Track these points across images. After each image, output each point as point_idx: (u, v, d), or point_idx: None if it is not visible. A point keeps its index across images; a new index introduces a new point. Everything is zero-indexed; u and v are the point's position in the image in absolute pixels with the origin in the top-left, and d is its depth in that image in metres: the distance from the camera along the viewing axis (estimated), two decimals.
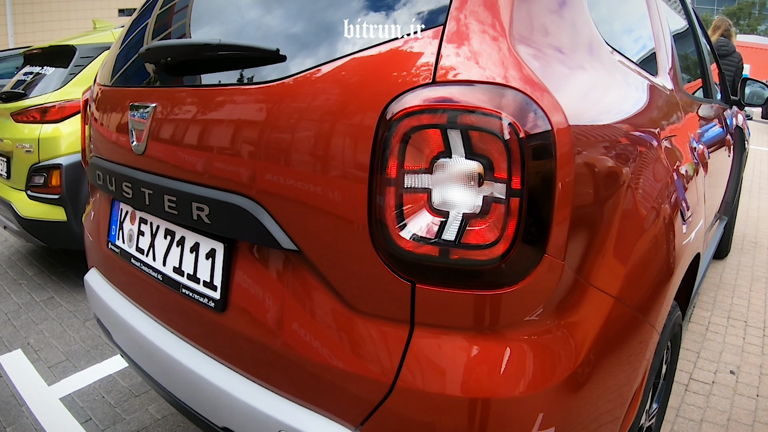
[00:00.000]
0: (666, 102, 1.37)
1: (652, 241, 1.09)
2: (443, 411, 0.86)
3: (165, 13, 1.42)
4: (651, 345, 1.11)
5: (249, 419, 1.04)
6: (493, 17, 0.85)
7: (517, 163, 0.78)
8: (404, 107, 0.81)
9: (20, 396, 2.23)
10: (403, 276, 0.86)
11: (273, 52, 0.99)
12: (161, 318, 1.28)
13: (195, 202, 1.07)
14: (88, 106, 1.63)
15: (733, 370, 2.40)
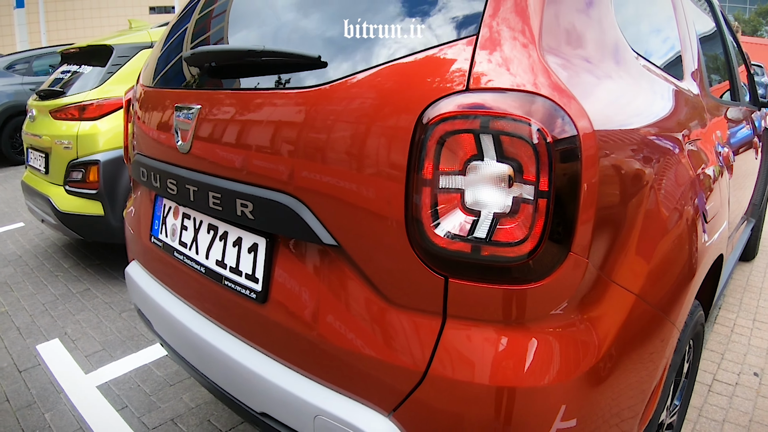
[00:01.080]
0: (691, 106, 1.40)
1: (673, 241, 1.12)
2: (472, 399, 0.91)
3: (206, 17, 1.49)
4: (671, 342, 1.14)
5: (287, 404, 1.10)
6: (523, 26, 0.90)
7: (545, 166, 0.82)
8: (440, 112, 0.87)
9: (58, 383, 2.34)
10: (436, 271, 0.91)
11: (315, 58, 1.05)
12: (202, 308, 1.35)
13: (239, 199, 1.13)
14: (131, 106, 1.71)
15: (757, 372, 2.39)
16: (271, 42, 1.22)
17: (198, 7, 1.57)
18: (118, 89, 3.06)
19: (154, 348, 2.56)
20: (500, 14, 0.91)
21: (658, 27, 1.47)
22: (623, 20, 1.18)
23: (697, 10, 2.04)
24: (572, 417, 0.93)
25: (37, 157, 3.41)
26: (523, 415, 0.90)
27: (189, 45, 1.47)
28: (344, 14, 1.10)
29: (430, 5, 0.99)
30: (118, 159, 2.95)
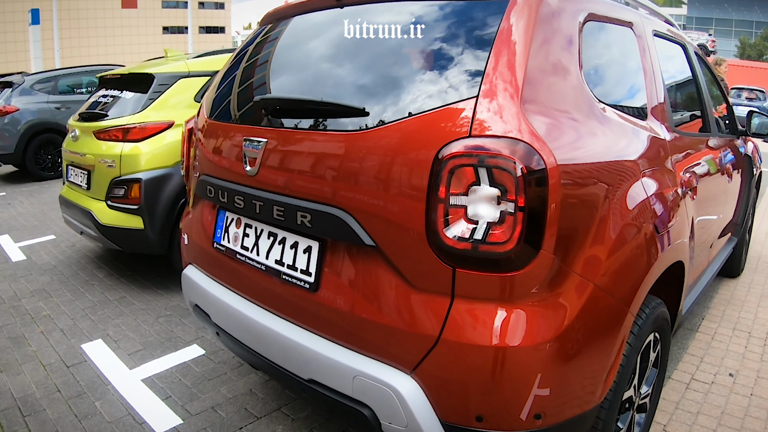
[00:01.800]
0: (649, 141, 1.71)
1: (624, 246, 1.44)
2: (474, 356, 1.23)
3: (262, 61, 1.85)
4: (626, 322, 1.45)
5: (330, 370, 1.42)
6: (509, 93, 1.25)
7: (522, 190, 1.17)
8: (451, 151, 1.22)
9: (105, 377, 2.62)
10: (447, 263, 1.25)
11: (361, 109, 1.39)
12: (259, 299, 1.67)
13: (299, 212, 1.47)
14: (192, 134, 2.03)
15: (732, 373, 2.65)
16: (322, 89, 1.57)
17: (253, 51, 1.92)
18: (158, 114, 3.39)
19: (192, 348, 2.85)
20: (493, 85, 1.26)
21: (625, 77, 1.81)
22: (591, 75, 1.52)
23: (671, 57, 2.36)
24: (547, 370, 1.26)
25: (78, 173, 3.73)
26: (511, 368, 1.22)
27: (252, 88, 1.81)
28: (383, 76, 1.46)
29: (446, 77, 1.34)
30: (158, 177, 3.26)
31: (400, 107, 1.36)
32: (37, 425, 2.26)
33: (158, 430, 2.19)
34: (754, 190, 3.90)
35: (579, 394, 1.36)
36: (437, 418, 1.30)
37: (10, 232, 5.30)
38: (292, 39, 1.86)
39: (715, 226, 2.67)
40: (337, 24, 1.65)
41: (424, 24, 1.46)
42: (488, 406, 1.26)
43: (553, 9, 1.44)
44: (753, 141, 3.95)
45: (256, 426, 2.20)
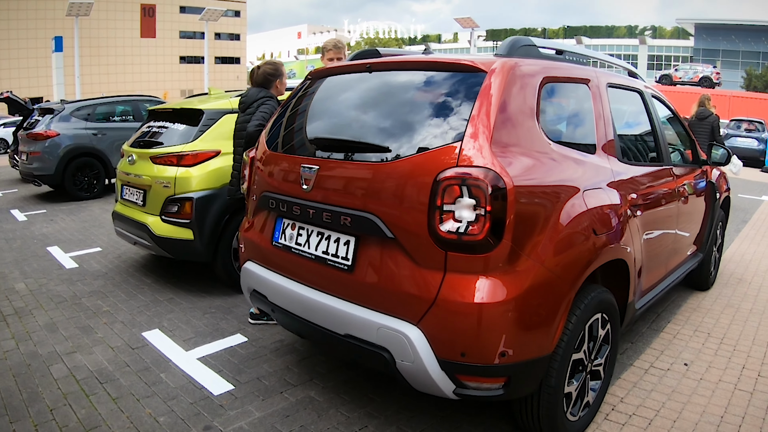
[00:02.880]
0: (593, 169, 2.31)
1: (564, 241, 2.02)
2: (458, 311, 1.82)
3: (311, 109, 2.49)
4: (567, 295, 2.03)
5: (361, 325, 2.01)
6: (482, 139, 1.88)
7: (489, 201, 1.77)
8: (444, 176, 1.84)
9: (165, 356, 3.19)
10: (441, 248, 1.85)
11: (384, 147, 2.04)
12: (308, 281, 2.27)
13: (342, 216, 2.09)
14: (253, 161, 2.66)
15: (687, 363, 3.17)
16: (356, 131, 2.22)
17: (302, 99, 2.57)
18: (207, 144, 4.02)
19: (236, 336, 3.42)
20: (472, 133, 1.89)
21: (577, 122, 2.43)
22: (547, 122, 2.15)
23: (627, 102, 2.98)
24: (514, 315, 1.85)
25: (134, 192, 4.36)
26: (486, 318, 1.81)
27: (304, 127, 2.49)
28: (399, 123, 2.11)
29: (442, 126, 1.98)
30: (207, 197, 3.88)
31: (411, 146, 2.01)
32: (113, 389, 2.82)
33: (215, 393, 2.75)
34: (721, 212, 4.45)
35: (532, 342, 1.94)
36: (434, 355, 1.88)
37: (59, 244, 5.92)
38: (333, 91, 2.54)
39: (671, 240, 3.23)
40: (367, 83, 2.30)
41: (427, 87, 2.13)
42: (468, 346, 1.85)
43: (516, 79, 2.08)
44: (720, 169, 4.52)
45: (294, 391, 2.76)
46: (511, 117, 2.01)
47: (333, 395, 2.72)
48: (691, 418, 2.59)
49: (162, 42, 51.22)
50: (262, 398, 2.70)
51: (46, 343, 3.41)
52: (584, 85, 2.52)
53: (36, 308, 4.01)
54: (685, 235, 3.60)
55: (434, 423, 2.49)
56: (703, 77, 32.16)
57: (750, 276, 5.03)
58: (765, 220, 7.86)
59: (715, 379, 2.99)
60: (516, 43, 2.29)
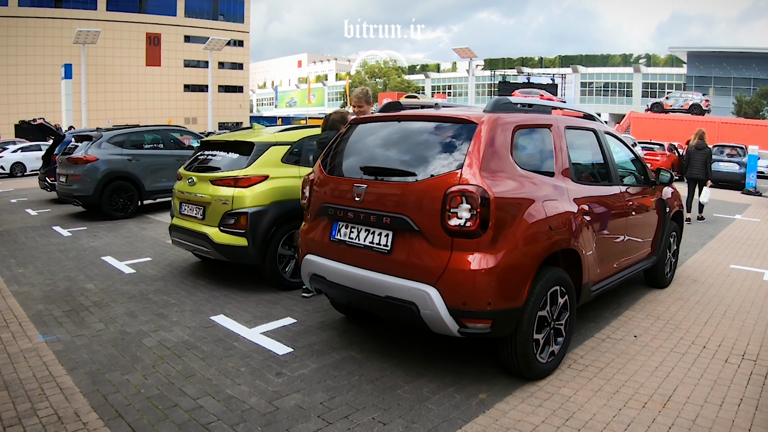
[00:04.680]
0: (552, 187, 3.32)
1: (528, 233, 3.01)
2: (460, 275, 2.82)
3: (355, 146, 3.54)
4: (531, 266, 3.01)
5: (397, 288, 3.00)
6: (474, 167, 2.92)
7: (479, 206, 2.81)
8: (451, 191, 2.89)
9: (233, 332, 4.12)
10: (449, 236, 2.88)
11: (412, 173, 3.07)
12: (357, 263, 3.25)
13: (384, 217, 3.09)
14: (311, 182, 3.67)
15: (636, 335, 4.12)
16: (390, 161, 3.27)
17: (347, 137, 3.63)
18: (258, 170, 5.01)
19: (287, 319, 4.36)
20: (468, 163, 2.92)
21: (540, 155, 3.45)
22: (518, 155, 3.19)
23: (582, 139, 4.02)
24: (495, 278, 2.85)
25: (193, 208, 5.33)
26: (480, 281, 2.81)
27: (354, 158, 3.53)
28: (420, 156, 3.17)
29: (448, 158, 3.02)
30: (259, 212, 4.86)
31: (429, 171, 3.03)
32: (198, 353, 3.74)
33: (279, 353, 3.69)
34: (673, 223, 5.45)
35: (508, 296, 2.91)
36: (445, 305, 2.87)
37: (112, 254, 6.78)
38: (370, 133, 3.59)
39: (621, 242, 4.24)
40: (395, 128, 3.37)
41: (438, 132, 3.20)
42: (467, 297, 2.83)
43: (497, 127, 3.11)
44: (673, 188, 5.54)
45: (339, 351, 3.71)
46: (493, 153, 3.04)
47: (369, 354, 3.67)
48: (632, 368, 3.54)
49: (167, 70, 52.67)
50: (316, 356, 3.64)
51: (131, 324, 4.32)
52: (546, 128, 3.58)
53: (112, 301, 4.90)
54: (638, 240, 4.60)
55: (444, 368, 3.45)
56: (693, 104, 33.03)
57: (704, 278, 5.98)
58: (731, 236, 8.81)
59: (656, 345, 3.94)
60: (498, 102, 3.39)
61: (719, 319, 4.56)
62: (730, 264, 6.65)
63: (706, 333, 4.21)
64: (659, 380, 3.36)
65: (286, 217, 4.99)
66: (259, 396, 3.12)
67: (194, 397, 3.12)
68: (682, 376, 3.43)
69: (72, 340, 3.98)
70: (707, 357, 3.74)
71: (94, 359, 3.65)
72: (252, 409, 2.97)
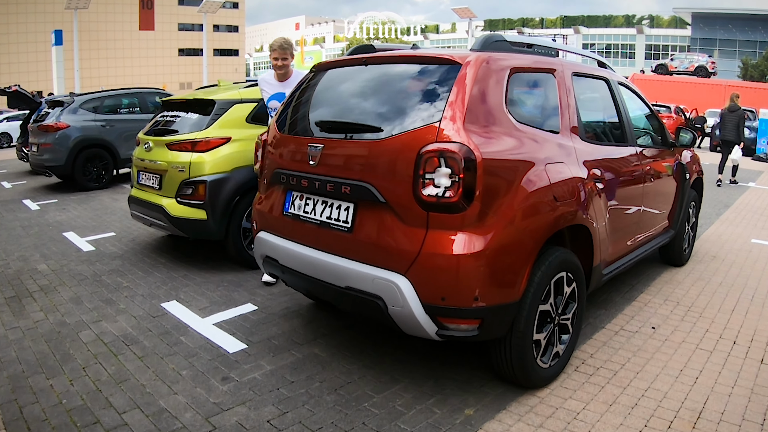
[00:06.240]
0: (556, 146, 2.66)
1: (527, 204, 2.37)
2: (437, 261, 2.17)
3: (313, 95, 2.85)
4: (533, 247, 2.38)
5: (359, 277, 2.36)
6: (457, 119, 2.23)
7: (462, 170, 2.12)
8: (426, 150, 2.20)
9: (184, 322, 3.54)
10: (424, 209, 2.20)
11: (377, 128, 2.39)
12: (313, 243, 2.62)
13: (343, 186, 2.44)
14: (265, 144, 3.01)
15: (654, 327, 3.53)
16: (353, 114, 2.58)
17: (306, 89, 2.92)
18: (219, 131, 4.34)
19: (247, 305, 3.77)
20: (448, 115, 2.23)
21: (542, 107, 2.78)
22: (514, 106, 2.51)
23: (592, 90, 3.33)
24: (484, 265, 2.20)
25: (150, 177, 4.70)
26: (462, 268, 2.17)
27: (309, 113, 2.84)
28: (389, 107, 2.48)
29: (425, 109, 2.33)
30: (219, 180, 4.21)
31: (400, 126, 2.35)
32: (139, 350, 3.17)
33: (230, 351, 3.10)
34: (693, 192, 4.79)
35: (500, 288, 2.29)
36: (419, 300, 2.24)
37: (74, 230, 6.24)
38: (333, 82, 2.89)
39: (637, 215, 3.58)
40: (363, 74, 2.67)
41: (413, 78, 2.49)
42: (447, 291, 2.21)
43: (487, 70, 2.42)
44: (692, 151, 4.86)
45: (300, 348, 3.12)
46: (482, 102, 2.37)
47: (335, 351, 3.08)
48: (652, 371, 2.94)
49: (161, 35, 51.31)
50: (273, 354, 3.05)
51: (72, 313, 3.75)
52: (550, 74, 2.87)
53: (60, 285, 4.35)
54: (654, 211, 3.95)
55: (424, 372, 2.85)
56: (698, 66, 32.35)
57: (724, 254, 5.37)
58: (747, 205, 8.21)
59: (678, 340, 3.34)
60: (488, 39, 2.66)
61: (747, 305, 3.96)
62: (751, 238, 6.05)
63: (734, 324, 3.61)
64: (686, 389, 2.76)
65: (252, 185, 4.28)
66: (196, 410, 2.54)
67: (121, 411, 2.54)
68: (712, 383, 2.83)
69: (5, 335, 3.42)
70: (739, 356, 3.14)
71: (21, 358, 3.09)
72: (183, 430, 2.39)
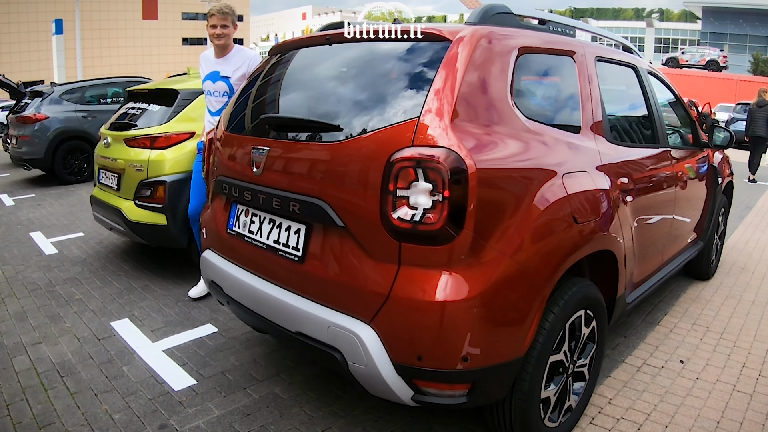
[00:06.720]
0: (577, 150, 2.08)
1: (538, 231, 1.79)
2: (413, 309, 1.62)
3: (266, 87, 2.26)
4: (543, 290, 1.81)
5: (312, 322, 1.82)
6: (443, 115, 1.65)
7: (448, 185, 1.55)
8: (398, 157, 1.63)
9: (131, 347, 3.03)
10: (395, 238, 1.64)
11: (337, 126, 1.82)
12: (260, 272, 2.08)
13: (291, 202, 1.88)
14: (212, 143, 2.45)
15: (683, 360, 2.98)
16: (309, 109, 1.99)
17: (261, 76, 2.34)
18: (181, 125, 3.82)
19: (206, 326, 3.25)
20: (431, 108, 1.67)
21: (560, 99, 2.18)
22: (523, 98, 1.91)
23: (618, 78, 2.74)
24: (476, 315, 1.63)
25: (109, 176, 4.18)
26: (440, 317, 1.61)
27: (259, 107, 2.25)
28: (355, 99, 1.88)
29: (400, 101, 1.76)
30: (181, 180, 3.68)
31: (366, 124, 1.78)
32: (73, 384, 2.66)
33: (176, 388, 2.58)
34: (723, 197, 4.22)
35: (500, 345, 1.73)
36: (389, 358, 1.68)
37: (42, 230, 5.77)
38: (292, 67, 2.31)
39: (667, 227, 3.02)
40: (326, 57, 2.11)
41: (387, 60, 1.91)
42: (425, 348, 1.64)
43: (486, 49, 1.84)
44: (723, 153, 4.28)
45: (258, 386, 2.59)
46: (478, 91, 1.78)
47: (299, 392, 2.55)
48: (684, 422, 2.40)
49: (164, 24, 50.67)
50: (224, 394, 2.53)
51: (12, 333, 3.26)
52: (569, 57, 2.27)
53: (9, 296, 3.87)
54: (685, 221, 3.39)
55: (404, 425, 2.32)
56: (710, 60, 31.92)
57: (753, 265, 4.82)
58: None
59: (712, 378, 2.80)
60: (490, 11, 2.03)
61: None
62: None
63: None
64: None
65: None
66: None
67: None
68: None
69: None
70: None
71: None
72: None
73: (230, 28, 3.40)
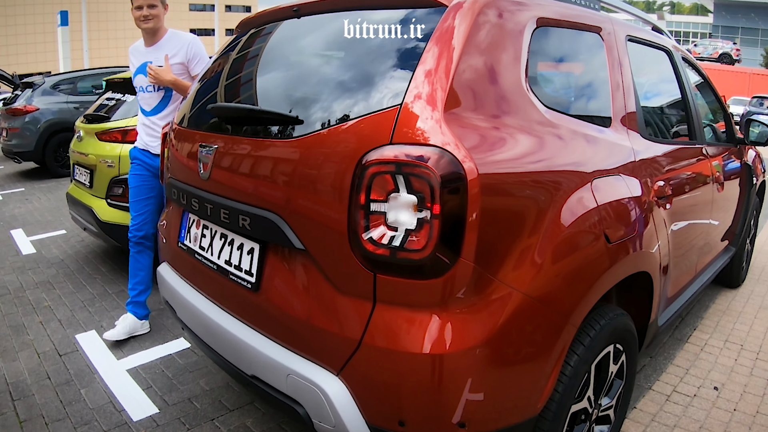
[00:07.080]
0: (609, 149, 1.69)
1: (561, 255, 1.40)
2: (394, 362, 1.23)
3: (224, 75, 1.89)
4: (565, 332, 1.42)
5: (268, 367, 1.44)
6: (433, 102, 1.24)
7: (438, 197, 1.16)
8: (372, 159, 1.23)
9: (93, 366, 2.70)
10: (368, 268, 1.25)
11: (296, 118, 1.43)
12: (213, 297, 1.71)
13: (240, 215, 1.50)
14: (167, 138, 2.09)
15: (717, 387, 2.60)
16: (269, 100, 1.62)
17: (219, 61, 1.97)
18: None
19: (178, 341, 2.91)
20: (417, 94, 1.27)
21: (586, 84, 1.80)
22: (540, 82, 1.52)
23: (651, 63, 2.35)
24: (470, 378, 1.24)
25: (82, 172, 3.85)
26: (430, 373, 1.22)
27: (211, 97, 1.87)
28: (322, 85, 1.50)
29: (371, 87, 1.37)
30: None
31: (332, 115, 1.39)
32: (24, 409, 2.34)
33: (135, 418, 2.25)
34: (756, 199, 3.83)
35: (509, 404, 1.35)
36: (363, 420, 1.31)
37: (24, 227, 5.48)
38: (255, 46, 1.92)
39: (702, 235, 2.63)
40: (294, 33, 1.73)
41: (366, 33, 1.48)
42: (409, 412, 1.26)
43: (493, 17, 1.43)
44: (755, 149, 3.88)
45: (228, 417, 2.24)
46: (482, 71, 1.36)
47: (272, 426, 2.20)
48: None
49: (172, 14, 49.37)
50: (188, 427, 2.19)
51: None
52: (595, 34, 1.85)
53: None
54: (719, 226, 3.00)
55: None
56: (722, 53, 31.62)
57: None
58: None
59: (751, 410, 2.43)
60: None
61: None
62: None
63: None
64: None
65: None
66: None
67: None
68: None
69: None
70: None
71: None
72: None
73: (159, 8, 2.91)
